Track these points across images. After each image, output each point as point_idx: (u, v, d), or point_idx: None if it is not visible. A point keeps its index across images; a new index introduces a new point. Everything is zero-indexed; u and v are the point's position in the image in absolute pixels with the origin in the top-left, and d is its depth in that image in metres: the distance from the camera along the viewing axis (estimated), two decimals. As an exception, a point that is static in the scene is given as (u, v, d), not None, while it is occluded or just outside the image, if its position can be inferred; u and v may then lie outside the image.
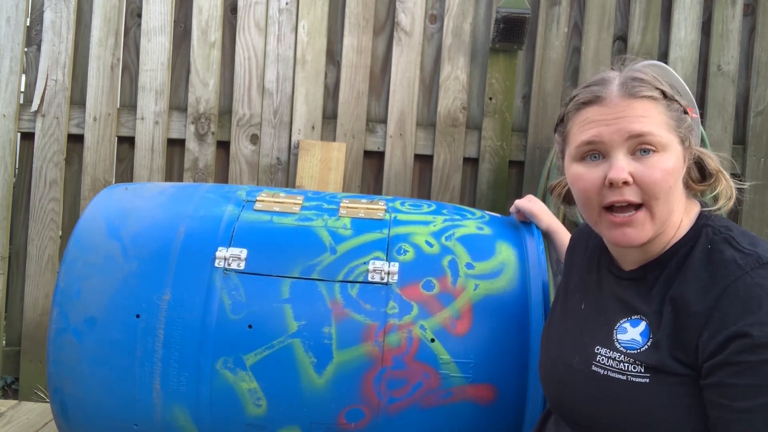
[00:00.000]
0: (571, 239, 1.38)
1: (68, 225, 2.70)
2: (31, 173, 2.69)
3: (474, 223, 1.60)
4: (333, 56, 2.75)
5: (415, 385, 1.38)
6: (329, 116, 2.75)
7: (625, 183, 0.98)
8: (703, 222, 1.04)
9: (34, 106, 2.67)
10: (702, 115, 2.67)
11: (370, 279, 1.43)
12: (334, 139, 2.71)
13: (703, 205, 1.09)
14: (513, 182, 2.78)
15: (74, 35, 2.69)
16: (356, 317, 1.40)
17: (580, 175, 1.05)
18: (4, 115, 2.66)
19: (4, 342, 2.75)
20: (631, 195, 0.99)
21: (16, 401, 2.53)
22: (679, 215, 1.05)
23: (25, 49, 2.70)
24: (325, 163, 2.64)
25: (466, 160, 2.75)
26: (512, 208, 1.68)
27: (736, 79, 2.72)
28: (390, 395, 1.38)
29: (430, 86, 2.76)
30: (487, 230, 1.59)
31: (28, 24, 2.70)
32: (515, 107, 2.76)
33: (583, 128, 1.04)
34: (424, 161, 2.76)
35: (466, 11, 2.70)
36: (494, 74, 2.71)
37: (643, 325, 1.02)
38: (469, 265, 1.48)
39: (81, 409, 1.43)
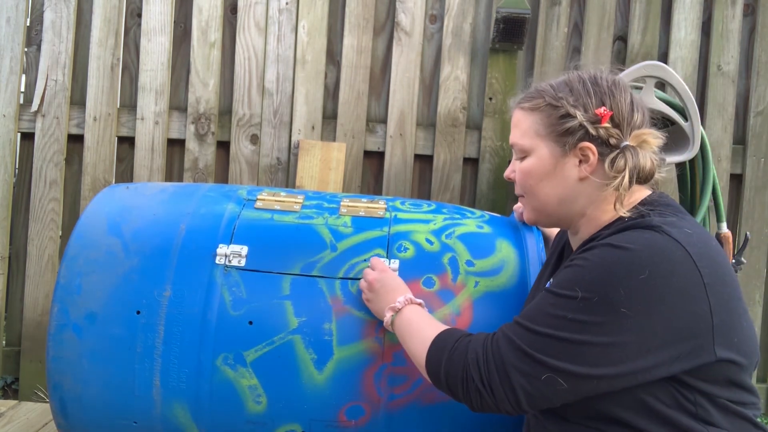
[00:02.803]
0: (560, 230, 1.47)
1: (68, 225, 2.70)
2: (31, 173, 2.69)
3: (474, 221, 1.61)
4: (333, 56, 2.75)
5: (416, 382, 1.38)
6: (329, 116, 2.75)
7: (510, 180, 1.26)
8: (638, 210, 1.07)
9: (34, 106, 2.67)
10: (702, 115, 2.67)
11: (370, 276, 1.43)
12: (334, 139, 2.71)
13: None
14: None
15: (74, 35, 2.69)
16: (357, 314, 1.40)
17: None
18: (4, 115, 2.66)
19: (4, 342, 2.74)
20: (517, 189, 1.26)
21: (16, 401, 2.52)
22: (581, 204, 1.13)
23: (25, 49, 2.70)
24: (325, 163, 2.64)
25: (466, 160, 2.75)
26: (516, 206, 1.69)
27: (736, 79, 2.72)
28: (390, 392, 1.37)
29: (430, 86, 2.76)
30: (487, 229, 1.59)
31: (28, 24, 2.70)
32: (515, 107, 2.76)
33: None
34: (424, 161, 2.76)
35: (466, 11, 2.71)
36: (494, 74, 2.71)
37: None
38: (469, 263, 1.48)
39: (80, 405, 1.42)
